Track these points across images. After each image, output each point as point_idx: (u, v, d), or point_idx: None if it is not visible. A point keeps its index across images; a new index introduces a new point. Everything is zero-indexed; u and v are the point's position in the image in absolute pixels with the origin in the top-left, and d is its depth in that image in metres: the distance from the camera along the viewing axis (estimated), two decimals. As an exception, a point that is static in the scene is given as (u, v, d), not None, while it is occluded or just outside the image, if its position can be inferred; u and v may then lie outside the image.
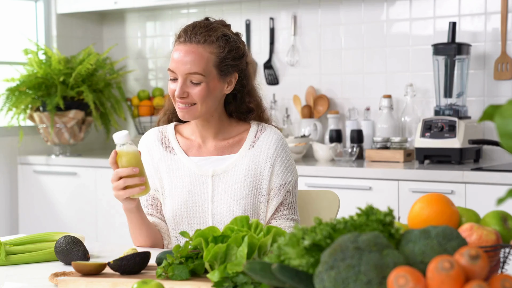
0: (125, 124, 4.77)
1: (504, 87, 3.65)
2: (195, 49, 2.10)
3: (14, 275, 1.87)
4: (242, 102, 2.24)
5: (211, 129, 2.21)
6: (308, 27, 4.14)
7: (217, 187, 2.17)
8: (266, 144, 2.20)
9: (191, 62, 2.09)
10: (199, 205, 2.16)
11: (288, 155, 2.22)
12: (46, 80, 4.25)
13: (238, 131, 2.24)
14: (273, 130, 2.23)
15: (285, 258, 1.32)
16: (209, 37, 2.11)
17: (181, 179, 2.19)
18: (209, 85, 2.11)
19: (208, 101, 2.12)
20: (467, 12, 3.72)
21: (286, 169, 2.20)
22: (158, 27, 4.65)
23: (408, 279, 1.15)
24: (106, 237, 4.13)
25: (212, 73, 2.11)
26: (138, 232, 2.12)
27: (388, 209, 1.32)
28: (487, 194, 3.09)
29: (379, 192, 3.34)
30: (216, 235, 1.65)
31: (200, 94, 2.10)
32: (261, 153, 2.19)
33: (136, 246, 2.16)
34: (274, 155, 2.19)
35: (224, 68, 2.13)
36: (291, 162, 2.22)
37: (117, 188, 2.05)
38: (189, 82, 2.10)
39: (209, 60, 2.10)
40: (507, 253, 1.41)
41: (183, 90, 2.10)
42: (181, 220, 2.18)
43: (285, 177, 2.19)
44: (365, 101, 3.98)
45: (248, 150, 2.19)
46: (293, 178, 2.21)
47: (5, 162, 4.39)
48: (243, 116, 2.25)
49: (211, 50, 2.11)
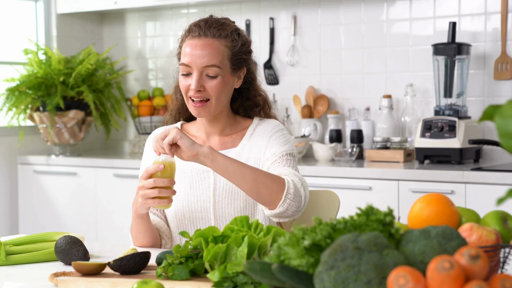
0: (125, 124, 4.77)
1: (504, 87, 3.65)
2: (211, 43, 2.12)
3: (14, 275, 1.87)
4: (248, 98, 2.26)
5: (218, 125, 2.22)
6: (308, 27, 4.14)
7: (218, 181, 2.17)
8: (263, 133, 2.21)
9: (208, 55, 2.10)
10: (200, 200, 2.17)
11: (285, 135, 2.20)
12: (46, 80, 4.25)
13: (242, 126, 2.25)
14: (271, 121, 2.24)
15: (285, 258, 1.32)
16: (223, 31, 2.14)
17: (183, 174, 2.20)
18: (224, 79, 2.13)
19: (222, 95, 2.14)
20: (467, 12, 3.72)
21: (281, 141, 2.18)
22: (158, 27, 4.66)
23: (408, 279, 1.15)
24: (106, 237, 4.13)
25: (226, 66, 2.14)
26: (142, 235, 2.13)
27: (388, 209, 1.32)
28: (487, 194, 3.09)
29: (379, 192, 3.34)
30: (216, 235, 1.65)
31: (216, 88, 2.11)
32: (258, 142, 2.20)
33: (135, 246, 2.16)
34: (268, 136, 2.19)
35: (236, 62, 2.16)
36: (287, 138, 2.20)
37: (146, 197, 1.99)
38: (205, 75, 2.11)
39: (224, 53, 2.13)
40: (507, 253, 1.41)
41: (200, 84, 2.10)
42: (182, 215, 2.18)
43: (280, 147, 2.17)
44: (365, 101, 3.98)
45: (247, 143, 2.20)
46: (291, 149, 2.18)
47: (5, 162, 4.39)
48: (248, 111, 2.26)
49: (225, 44, 2.13)
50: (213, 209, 2.16)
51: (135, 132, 4.69)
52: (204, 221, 2.17)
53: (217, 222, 2.17)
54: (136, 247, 2.15)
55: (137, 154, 4.38)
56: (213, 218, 2.16)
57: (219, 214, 2.16)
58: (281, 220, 2.08)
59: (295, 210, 2.03)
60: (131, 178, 4.00)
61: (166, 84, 4.62)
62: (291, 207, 2.02)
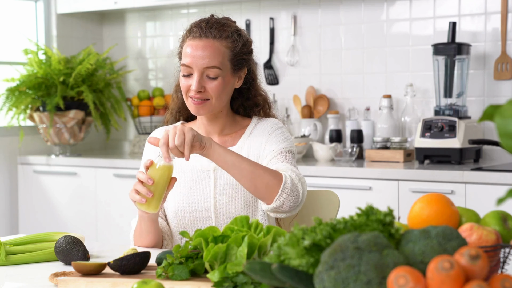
0: (125, 124, 4.77)
1: (504, 87, 3.65)
2: (211, 44, 2.12)
3: (14, 275, 1.87)
4: (248, 97, 2.26)
5: (217, 125, 2.22)
6: (308, 27, 4.14)
7: (218, 180, 2.17)
8: (262, 131, 2.21)
9: (209, 57, 2.11)
10: (201, 200, 2.17)
11: (284, 133, 2.21)
12: (46, 80, 4.25)
13: (241, 125, 2.25)
14: (271, 119, 2.24)
15: (285, 258, 1.32)
16: (224, 32, 2.14)
17: (183, 174, 2.20)
18: (225, 80, 2.14)
19: (222, 96, 2.14)
20: (467, 12, 3.72)
21: (280, 139, 2.18)
22: (158, 27, 4.66)
23: (408, 279, 1.15)
24: (106, 237, 4.13)
25: (227, 67, 2.14)
26: (145, 235, 2.13)
27: (388, 209, 1.32)
28: (487, 194, 3.09)
29: (379, 192, 3.34)
30: (216, 235, 1.65)
31: (216, 89, 2.12)
32: (257, 139, 2.20)
33: (137, 246, 2.16)
34: (268, 134, 2.20)
35: (237, 63, 2.17)
36: (287, 136, 2.21)
37: (132, 190, 1.98)
38: (205, 76, 2.12)
39: (225, 54, 2.13)
40: (507, 253, 1.41)
41: (201, 85, 2.11)
42: (183, 215, 2.18)
43: (279, 144, 2.17)
44: (365, 101, 3.98)
45: (246, 140, 2.20)
46: (290, 146, 2.18)
47: (5, 162, 4.39)
48: (248, 111, 2.27)
49: (226, 45, 2.14)
50: (214, 208, 2.16)
51: (135, 132, 4.69)
52: (205, 220, 2.17)
53: (218, 222, 2.17)
54: (136, 247, 2.15)
55: (137, 154, 4.38)
56: (214, 217, 2.17)
57: (220, 213, 2.16)
58: (278, 216, 2.08)
59: (292, 205, 2.03)
60: (131, 178, 4.00)
61: (166, 84, 4.62)
62: (287, 201, 2.02)
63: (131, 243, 2.22)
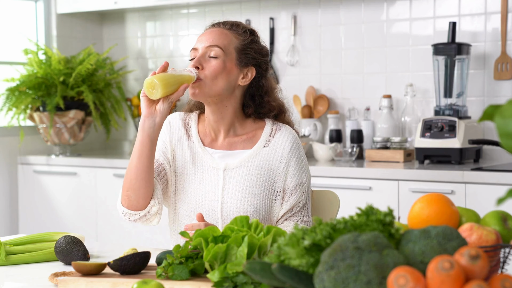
0: (125, 124, 4.77)
1: (504, 87, 3.65)
2: (221, 30, 2.19)
3: (14, 275, 1.87)
4: (261, 103, 2.25)
5: (223, 124, 2.20)
6: (308, 27, 4.14)
7: (228, 181, 2.16)
8: (282, 143, 2.20)
9: (214, 37, 2.16)
10: (208, 197, 2.16)
11: (302, 155, 2.23)
12: (46, 80, 4.25)
13: (252, 128, 2.24)
14: (288, 130, 2.24)
15: (285, 258, 1.32)
16: (237, 27, 2.21)
17: (193, 167, 2.19)
18: (226, 64, 2.14)
19: (218, 79, 2.13)
20: (467, 12, 3.72)
21: (301, 169, 2.21)
22: (158, 27, 4.66)
23: (408, 279, 1.15)
24: (106, 237, 4.13)
25: (231, 54, 2.16)
26: (140, 178, 2.08)
27: (388, 209, 1.32)
28: (487, 194, 3.09)
29: (379, 192, 3.34)
30: (216, 235, 1.65)
31: (213, 69, 2.13)
32: (276, 152, 2.19)
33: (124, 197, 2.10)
34: (289, 154, 2.19)
35: (244, 57, 2.18)
36: (305, 163, 2.24)
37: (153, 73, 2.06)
38: (207, 56, 2.15)
39: (231, 41, 2.17)
40: (507, 253, 1.41)
41: (199, 62, 2.14)
42: (190, 211, 2.16)
43: (300, 176, 2.20)
44: (365, 101, 3.98)
45: (263, 148, 2.19)
46: (308, 179, 2.22)
47: (5, 162, 4.39)
48: (261, 115, 2.26)
49: (235, 35, 2.19)
50: (221, 209, 2.14)
51: (135, 132, 4.69)
52: (211, 219, 2.15)
53: (224, 224, 2.14)
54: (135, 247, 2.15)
55: (137, 154, 4.38)
56: (220, 217, 2.15)
57: (226, 214, 2.14)
58: None
59: None
60: (131, 178, 3.99)
61: (166, 84, 4.62)
62: None
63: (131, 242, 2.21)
